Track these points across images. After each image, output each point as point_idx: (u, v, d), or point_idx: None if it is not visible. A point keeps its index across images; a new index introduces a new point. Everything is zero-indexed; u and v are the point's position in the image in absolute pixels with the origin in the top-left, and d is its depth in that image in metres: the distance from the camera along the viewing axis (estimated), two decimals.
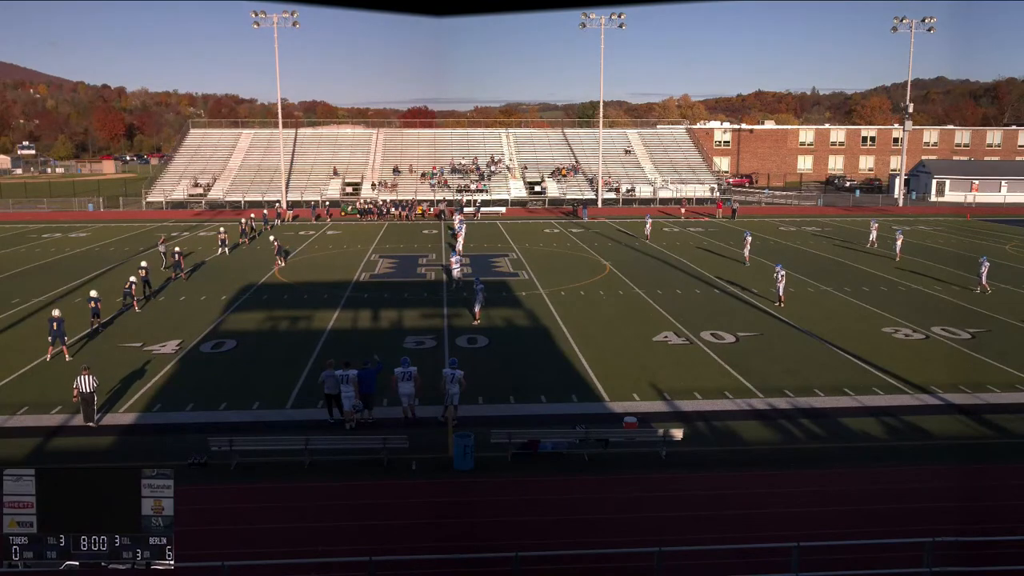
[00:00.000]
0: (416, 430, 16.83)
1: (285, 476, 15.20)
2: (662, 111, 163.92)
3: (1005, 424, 17.76)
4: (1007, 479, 15.34)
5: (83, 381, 17.14)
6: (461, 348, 23.53)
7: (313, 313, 28.25)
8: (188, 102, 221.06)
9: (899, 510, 13.78)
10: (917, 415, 18.24)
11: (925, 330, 25.57)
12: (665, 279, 34.53)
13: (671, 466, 15.66)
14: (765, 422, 17.94)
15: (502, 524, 13.52)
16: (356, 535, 12.93)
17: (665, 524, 13.26)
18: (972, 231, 52.41)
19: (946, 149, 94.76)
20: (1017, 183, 74.19)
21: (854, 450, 16.45)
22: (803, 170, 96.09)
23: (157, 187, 69.24)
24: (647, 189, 70.78)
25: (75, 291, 31.89)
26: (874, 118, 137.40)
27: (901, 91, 77.22)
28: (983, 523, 13.13)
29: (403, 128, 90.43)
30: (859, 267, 37.64)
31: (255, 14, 61.98)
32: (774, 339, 24.71)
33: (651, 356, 22.88)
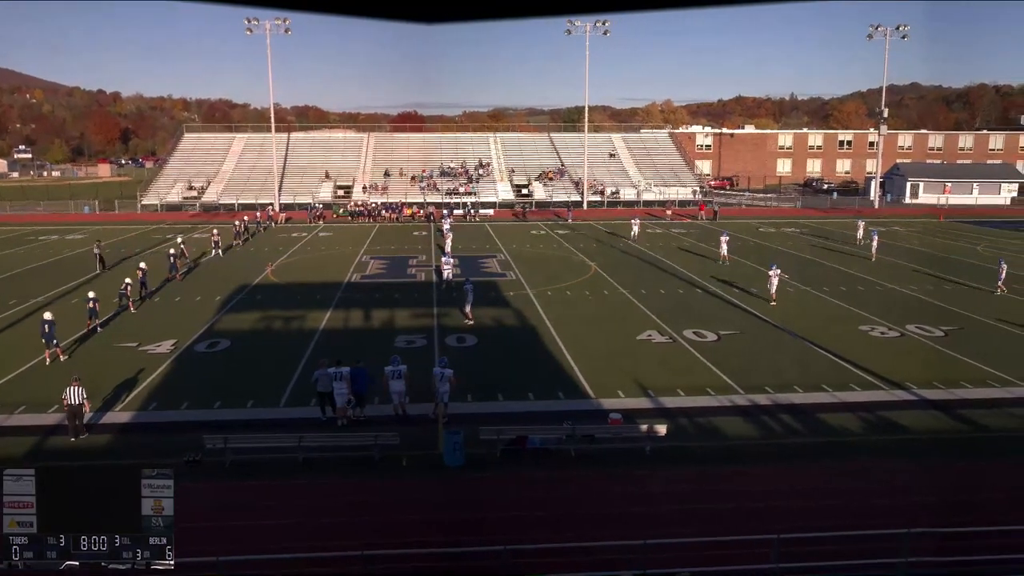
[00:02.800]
0: (407, 427, 16.78)
1: (279, 473, 15.13)
2: (645, 116, 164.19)
3: (978, 419, 17.90)
4: (981, 472, 15.45)
5: (72, 392, 16.41)
6: (451, 347, 23.49)
7: (306, 313, 28.14)
8: (182, 107, 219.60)
9: (876, 502, 13.85)
10: (893, 410, 18.35)
11: (900, 328, 25.73)
12: (648, 279, 34.59)
13: (655, 461, 15.69)
14: (746, 418, 18.01)
15: (491, 518, 13.50)
16: (348, 530, 12.88)
17: (649, 517, 13.27)
18: (945, 232, 52.79)
19: (920, 153, 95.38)
20: (988, 185, 74.88)
21: (832, 444, 16.53)
22: (782, 173, 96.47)
23: (152, 190, 68.84)
24: (631, 192, 70.91)
25: (72, 292, 31.65)
26: (850, 123, 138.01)
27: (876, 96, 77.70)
28: (958, 515, 13.21)
29: (393, 132, 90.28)
30: (837, 267, 37.85)
31: (248, 21, 61.85)
32: (755, 337, 24.81)
33: (635, 354, 22.91)
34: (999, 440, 16.80)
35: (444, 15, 0.97)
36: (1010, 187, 75.36)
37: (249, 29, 61.74)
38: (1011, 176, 78.09)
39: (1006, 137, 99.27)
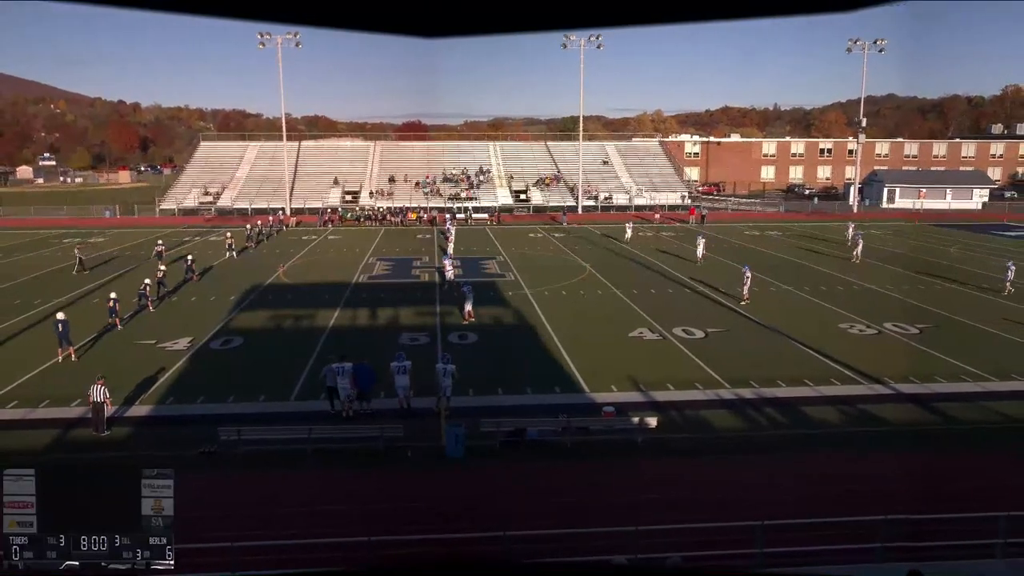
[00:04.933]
0: (411, 420, 16.77)
1: (289, 464, 15.12)
2: (637, 125, 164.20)
3: (951, 412, 17.91)
4: (953, 462, 15.47)
5: (97, 391, 16.47)
6: (453, 344, 23.48)
7: (315, 312, 28.11)
8: (198, 116, 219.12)
9: (855, 491, 13.85)
10: (871, 404, 18.36)
11: (878, 326, 25.74)
12: (640, 280, 34.58)
13: (646, 452, 15.70)
14: (732, 411, 18.01)
15: (491, 506, 13.49)
16: (355, 518, 12.86)
17: (641, 505, 13.27)
18: (920, 235, 52.81)
19: (896, 160, 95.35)
20: (960, 191, 74.98)
21: (814, 436, 16.54)
22: (766, 179, 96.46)
23: (170, 195, 68.70)
24: (623, 197, 70.88)
25: (93, 292, 31.61)
26: (831, 131, 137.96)
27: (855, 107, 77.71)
28: (931, 502, 13.22)
29: (398, 140, 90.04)
30: (818, 268, 37.85)
31: (260, 35, 61.74)
32: (740, 335, 24.81)
33: (627, 351, 22.91)
34: (970, 432, 16.82)
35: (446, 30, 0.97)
36: (981, 192, 75.45)
37: (262, 43, 61.65)
38: (982, 182, 78.23)
39: (977, 145, 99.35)
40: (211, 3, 0.94)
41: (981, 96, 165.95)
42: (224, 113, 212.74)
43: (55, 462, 14.56)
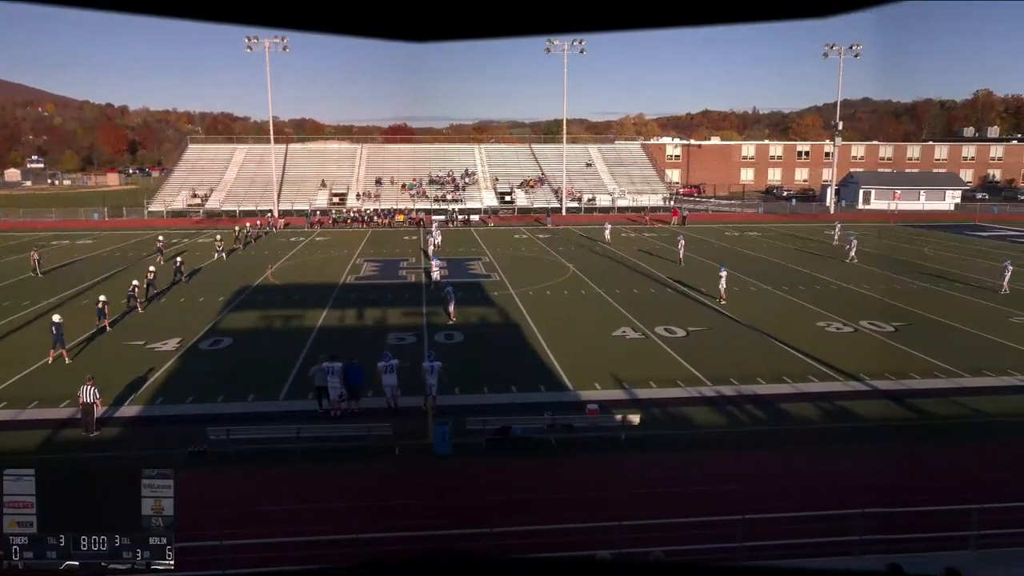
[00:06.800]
0: (399, 419, 16.71)
1: (278, 462, 15.04)
2: (620, 128, 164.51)
3: (925, 407, 18.08)
4: (928, 456, 15.62)
5: (86, 391, 16.27)
6: (439, 343, 23.43)
7: (304, 312, 27.97)
8: (187, 119, 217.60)
9: (833, 484, 13.95)
10: (848, 400, 18.50)
11: (854, 324, 25.94)
12: (623, 280, 34.66)
13: (629, 448, 15.74)
14: (713, 408, 18.09)
15: (478, 503, 13.48)
16: (344, 515, 12.81)
17: (624, 501, 13.30)
18: (895, 235, 53.28)
19: (872, 162, 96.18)
20: (934, 192, 75.74)
21: (793, 432, 16.64)
22: (746, 181, 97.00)
23: (158, 198, 68.14)
24: (606, 199, 71.04)
25: (82, 294, 31.29)
26: (808, 135, 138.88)
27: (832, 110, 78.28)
28: (906, 495, 13.34)
29: (385, 143, 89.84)
30: (796, 268, 38.08)
31: (248, 39, 61.36)
32: (721, 333, 24.92)
33: (611, 349, 22.96)
34: (944, 427, 16.99)
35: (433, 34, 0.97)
36: (954, 194, 76.25)
37: (249, 47, 61.29)
38: (955, 184, 79.10)
39: (950, 148, 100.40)
40: (199, 7, 0.93)
41: (953, 100, 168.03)
42: (212, 116, 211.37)
43: (46, 463, 14.39)
